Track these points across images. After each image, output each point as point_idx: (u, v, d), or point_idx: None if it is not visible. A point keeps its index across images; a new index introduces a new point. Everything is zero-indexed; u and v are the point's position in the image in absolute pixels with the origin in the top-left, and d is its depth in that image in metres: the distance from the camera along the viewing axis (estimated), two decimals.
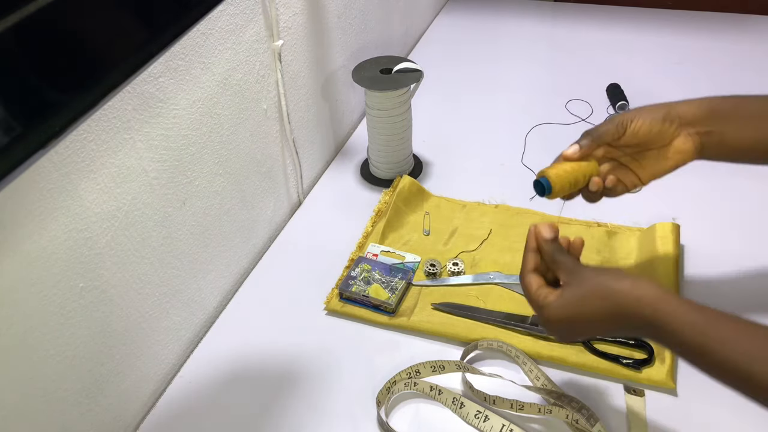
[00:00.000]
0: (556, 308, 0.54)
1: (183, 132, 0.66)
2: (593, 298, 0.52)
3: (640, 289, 0.50)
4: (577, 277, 0.54)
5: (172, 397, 0.69)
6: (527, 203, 0.89)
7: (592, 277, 0.53)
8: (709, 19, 1.31)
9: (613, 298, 0.51)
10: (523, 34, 1.34)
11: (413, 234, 0.85)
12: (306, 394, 0.67)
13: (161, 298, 0.68)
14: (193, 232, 0.71)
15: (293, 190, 0.93)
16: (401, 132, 0.91)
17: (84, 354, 0.58)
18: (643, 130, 0.62)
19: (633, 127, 0.62)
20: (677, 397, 0.64)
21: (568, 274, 0.55)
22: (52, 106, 0.43)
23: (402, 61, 0.89)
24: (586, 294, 0.53)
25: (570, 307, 0.53)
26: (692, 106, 0.63)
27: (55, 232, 0.52)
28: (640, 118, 0.62)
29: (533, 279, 0.57)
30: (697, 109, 0.62)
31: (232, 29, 0.70)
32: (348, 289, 0.75)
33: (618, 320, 0.51)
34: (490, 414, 0.62)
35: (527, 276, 0.58)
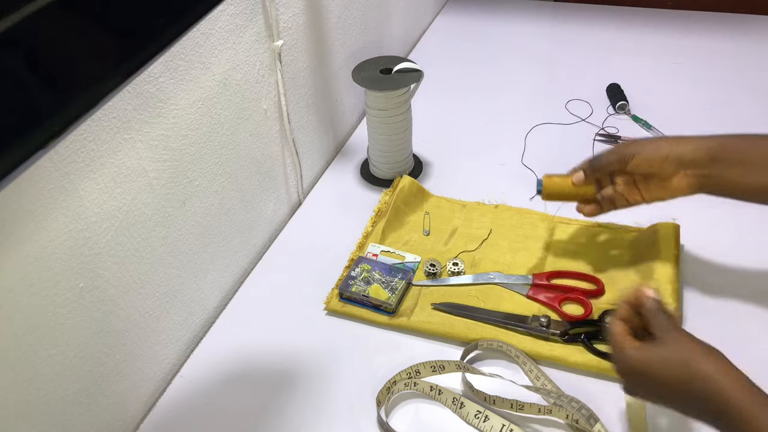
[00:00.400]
0: (636, 358, 0.53)
1: (183, 132, 0.66)
2: (675, 365, 0.51)
3: (720, 375, 0.49)
4: (670, 336, 0.53)
5: (172, 397, 0.69)
6: (527, 203, 0.89)
7: (684, 343, 0.52)
8: (709, 19, 1.31)
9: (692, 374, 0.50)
10: (523, 34, 1.34)
11: (413, 234, 0.86)
12: (306, 394, 0.67)
13: (161, 298, 0.68)
14: (193, 232, 0.71)
15: (293, 190, 0.93)
16: (401, 132, 0.91)
17: (84, 354, 0.58)
18: (644, 167, 0.66)
19: (633, 163, 0.67)
20: None
21: (663, 332, 0.53)
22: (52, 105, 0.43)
23: (402, 61, 0.89)
24: (670, 357, 0.52)
25: (650, 362, 0.53)
26: (693, 147, 0.65)
27: (55, 232, 0.52)
28: (641, 155, 0.66)
29: (620, 325, 0.57)
30: (697, 151, 0.64)
31: (232, 29, 0.71)
32: (348, 289, 0.75)
33: (688, 396, 0.51)
34: (490, 414, 0.62)
35: (615, 321, 0.57)
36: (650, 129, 1.01)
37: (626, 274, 0.76)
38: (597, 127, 1.03)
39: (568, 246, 0.79)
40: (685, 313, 0.72)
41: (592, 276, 0.76)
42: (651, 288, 0.57)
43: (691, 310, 0.72)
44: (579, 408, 0.61)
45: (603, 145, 0.99)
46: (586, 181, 0.70)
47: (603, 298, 0.74)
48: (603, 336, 0.69)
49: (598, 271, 0.77)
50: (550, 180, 0.73)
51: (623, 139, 0.98)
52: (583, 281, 0.76)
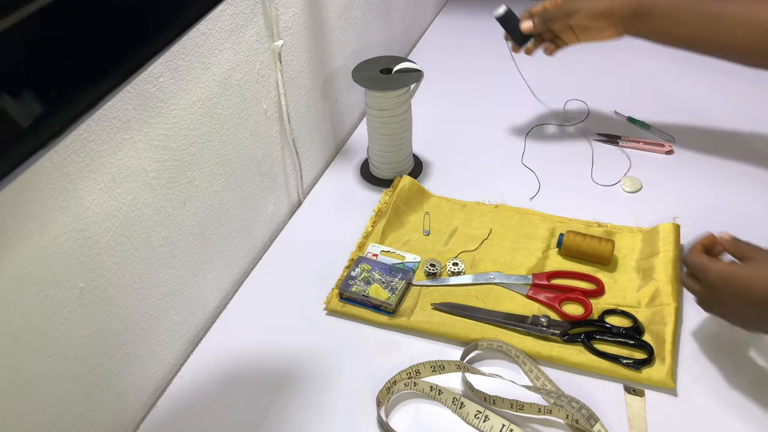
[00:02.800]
0: (731, 271, 0.58)
1: (183, 132, 0.66)
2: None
3: None
4: (763, 256, 0.58)
5: (172, 397, 0.69)
6: (527, 203, 0.89)
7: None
8: None
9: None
10: None
11: (413, 234, 0.86)
12: (306, 394, 0.67)
13: (161, 298, 0.68)
14: (193, 232, 0.71)
15: (293, 189, 0.93)
16: (401, 132, 0.91)
17: (84, 354, 0.58)
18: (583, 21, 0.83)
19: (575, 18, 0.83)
20: (677, 397, 0.64)
21: (754, 253, 0.59)
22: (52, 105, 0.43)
23: (402, 61, 0.89)
24: None
25: (743, 275, 0.57)
26: (621, 3, 0.80)
27: (55, 232, 0.52)
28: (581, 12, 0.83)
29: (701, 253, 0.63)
30: (625, 6, 0.80)
31: (232, 29, 0.71)
32: (348, 289, 0.75)
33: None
34: (490, 414, 0.62)
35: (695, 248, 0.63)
36: (650, 130, 1.01)
37: (626, 274, 0.77)
38: (596, 127, 1.03)
39: (569, 246, 0.79)
40: (685, 313, 0.72)
41: (592, 276, 0.76)
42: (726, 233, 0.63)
43: (691, 310, 0.72)
44: (579, 408, 0.61)
45: (602, 144, 0.99)
46: (534, 30, 0.89)
47: (603, 298, 0.74)
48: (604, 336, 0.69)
49: (598, 271, 0.77)
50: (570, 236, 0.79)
51: (623, 139, 0.99)
52: (583, 281, 0.76)
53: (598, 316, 0.71)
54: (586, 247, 0.77)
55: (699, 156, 0.95)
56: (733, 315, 0.61)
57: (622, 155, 0.97)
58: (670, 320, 0.68)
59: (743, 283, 0.57)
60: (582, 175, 0.93)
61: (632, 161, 0.95)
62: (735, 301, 0.58)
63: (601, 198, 0.89)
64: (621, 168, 0.94)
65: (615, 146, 0.98)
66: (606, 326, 0.70)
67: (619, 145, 0.98)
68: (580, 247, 0.78)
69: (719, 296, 0.60)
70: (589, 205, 0.87)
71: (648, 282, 0.74)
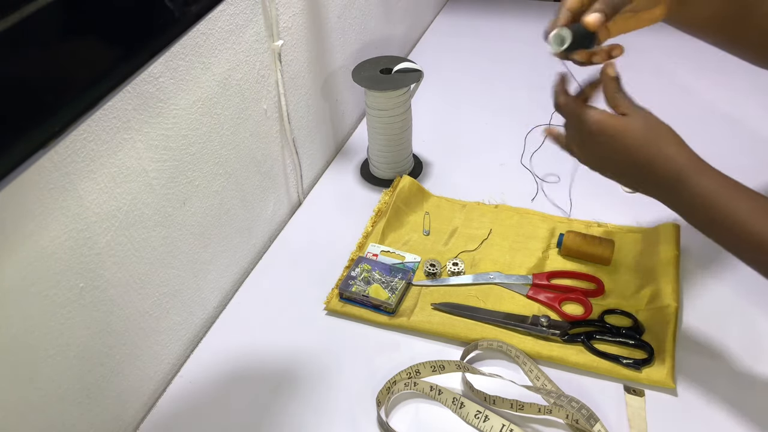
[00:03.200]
0: (608, 122, 0.58)
1: (183, 132, 0.66)
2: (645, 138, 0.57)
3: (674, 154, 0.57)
4: (639, 113, 0.58)
5: (172, 397, 0.69)
6: (527, 203, 0.89)
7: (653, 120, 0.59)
8: None
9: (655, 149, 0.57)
10: (524, 34, 1.34)
11: (413, 234, 0.85)
12: (306, 394, 0.67)
13: (161, 298, 0.68)
14: (193, 232, 0.71)
15: (293, 189, 0.93)
16: (401, 132, 0.91)
17: (84, 354, 0.58)
18: None
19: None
20: (677, 397, 0.64)
21: (630, 108, 0.59)
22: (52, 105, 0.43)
23: (402, 61, 0.89)
24: (641, 127, 0.57)
25: (620, 126, 0.58)
26: None
27: (55, 232, 0.52)
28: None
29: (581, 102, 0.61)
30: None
31: (232, 29, 0.70)
32: (348, 289, 0.75)
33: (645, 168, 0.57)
34: (490, 414, 0.62)
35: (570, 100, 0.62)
36: None
37: (626, 274, 0.77)
38: None
39: (569, 246, 0.79)
40: (685, 313, 0.72)
41: (592, 276, 0.76)
42: (613, 67, 0.60)
43: (691, 310, 0.72)
44: (579, 408, 0.61)
45: None
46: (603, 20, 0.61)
47: (603, 298, 0.74)
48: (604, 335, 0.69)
49: (598, 271, 0.77)
50: (570, 237, 0.78)
51: None
52: (583, 281, 0.76)
53: (598, 316, 0.71)
54: (586, 247, 0.77)
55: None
56: (598, 163, 0.62)
57: None
58: (670, 320, 0.68)
59: (620, 138, 0.58)
60: (582, 175, 0.93)
61: None
62: (606, 151, 0.60)
63: (601, 198, 0.89)
64: None
65: None
66: (606, 326, 0.70)
67: None
68: (580, 247, 0.78)
69: (593, 147, 0.61)
70: (589, 205, 0.87)
71: (648, 282, 0.74)
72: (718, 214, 0.55)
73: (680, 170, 0.56)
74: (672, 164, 0.57)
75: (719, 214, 0.55)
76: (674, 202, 0.58)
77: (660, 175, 0.57)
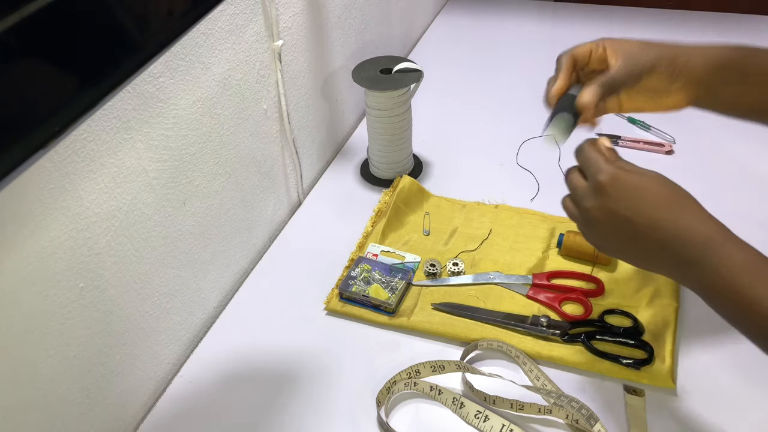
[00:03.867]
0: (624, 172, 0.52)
1: (183, 132, 0.66)
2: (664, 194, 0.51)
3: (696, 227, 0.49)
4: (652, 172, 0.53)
5: (172, 397, 0.69)
6: (527, 203, 0.89)
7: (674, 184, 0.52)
8: (709, 19, 1.31)
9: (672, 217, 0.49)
10: (524, 34, 1.34)
11: (413, 234, 0.85)
12: (306, 394, 0.67)
13: (161, 298, 0.68)
14: (193, 232, 0.71)
15: (293, 190, 0.93)
16: (401, 132, 0.91)
17: (84, 354, 0.58)
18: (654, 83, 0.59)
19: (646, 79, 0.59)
20: (677, 397, 0.64)
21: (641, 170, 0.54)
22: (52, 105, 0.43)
23: (402, 61, 0.89)
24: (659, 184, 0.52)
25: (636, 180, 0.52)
26: (699, 59, 0.58)
27: (55, 232, 0.52)
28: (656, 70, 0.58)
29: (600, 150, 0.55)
30: (705, 64, 0.58)
31: (232, 29, 0.70)
32: (348, 289, 0.75)
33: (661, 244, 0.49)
34: (490, 414, 0.62)
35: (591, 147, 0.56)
36: (650, 130, 1.01)
37: (626, 273, 0.77)
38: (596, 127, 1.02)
39: (569, 246, 0.79)
40: (685, 313, 0.72)
41: (592, 276, 0.76)
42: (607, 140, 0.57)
43: (692, 310, 0.72)
44: (579, 408, 0.61)
45: None
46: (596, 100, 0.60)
47: (603, 298, 0.74)
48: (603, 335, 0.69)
49: (598, 271, 0.77)
50: (570, 237, 0.78)
51: (623, 139, 0.98)
52: (583, 281, 0.76)
53: (598, 316, 0.71)
54: (586, 247, 0.77)
55: (699, 156, 0.95)
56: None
57: (622, 155, 0.96)
58: (670, 320, 0.68)
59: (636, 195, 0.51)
60: None
61: (632, 161, 0.95)
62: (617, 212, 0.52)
63: None
64: None
65: (615, 146, 0.98)
66: (606, 326, 0.70)
67: (619, 145, 0.98)
68: (580, 247, 0.78)
69: (604, 201, 0.53)
70: None
71: (648, 282, 0.74)
72: (743, 297, 0.46)
73: (706, 240, 0.48)
74: (698, 229, 0.48)
75: (745, 296, 0.46)
76: (693, 277, 0.49)
77: (684, 241, 0.49)
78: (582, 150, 0.57)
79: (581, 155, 0.57)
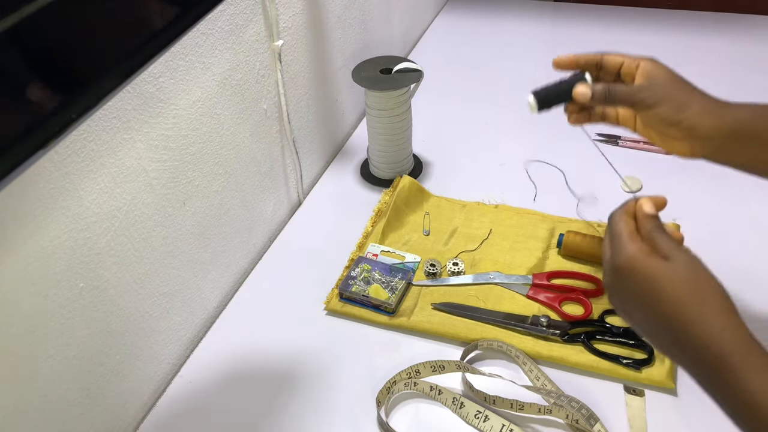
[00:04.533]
0: (646, 263, 0.47)
1: (183, 132, 0.66)
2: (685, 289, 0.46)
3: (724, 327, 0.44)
4: (681, 257, 0.47)
5: (172, 397, 0.69)
6: (527, 203, 0.89)
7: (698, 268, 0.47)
8: (709, 19, 1.31)
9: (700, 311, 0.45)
10: (523, 34, 1.34)
11: (413, 234, 0.85)
12: (306, 394, 0.67)
13: (161, 298, 0.68)
14: (193, 232, 0.71)
15: (293, 190, 0.93)
16: (401, 132, 0.91)
17: (84, 354, 0.58)
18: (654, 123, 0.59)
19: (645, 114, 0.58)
20: (677, 397, 0.64)
21: (672, 250, 0.48)
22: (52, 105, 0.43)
23: (402, 61, 0.89)
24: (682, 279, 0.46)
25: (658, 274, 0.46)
26: (712, 124, 0.56)
27: (55, 232, 0.52)
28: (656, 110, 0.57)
29: (630, 223, 0.51)
30: (716, 125, 0.56)
31: (232, 29, 0.70)
32: (348, 289, 0.75)
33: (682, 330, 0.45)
34: (490, 414, 0.62)
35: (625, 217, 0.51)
36: None
37: None
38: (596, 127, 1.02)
39: (569, 246, 0.79)
40: None
41: (592, 276, 0.76)
42: (649, 199, 0.52)
43: None
44: (579, 408, 0.61)
45: (602, 145, 0.99)
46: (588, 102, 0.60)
47: (603, 298, 0.74)
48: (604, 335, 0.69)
49: (598, 271, 0.77)
50: (570, 237, 0.78)
51: (623, 139, 0.98)
52: (583, 281, 0.76)
53: (598, 316, 0.71)
54: (586, 247, 0.77)
55: None
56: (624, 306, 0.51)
57: (622, 155, 0.97)
58: None
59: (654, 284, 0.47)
60: (582, 175, 0.93)
61: (632, 161, 0.95)
62: (634, 296, 0.49)
63: (601, 198, 0.89)
64: (621, 168, 0.94)
65: (615, 146, 0.98)
66: (606, 326, 0.70)
67: (619, 145, 0.98)
68: (580, 247, 0.78)
69: (618, 284, 0.50)
70: (590, 205, 0.87)
71: None
72: (758, 419, 0.43)
73: (723, 352, 0.44)
74: (714, 340, 0.44)
75: (762, 420, 0.42)
76: (707, 384, 0.46)
77: (696, 347, 0.45)
78: (612, 218, 0.53)
79: (610, 223, 0.53)
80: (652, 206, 0.52)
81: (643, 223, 0.51)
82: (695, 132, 0.57)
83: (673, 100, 0.57)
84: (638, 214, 0.52)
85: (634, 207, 0.53)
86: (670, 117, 0.57)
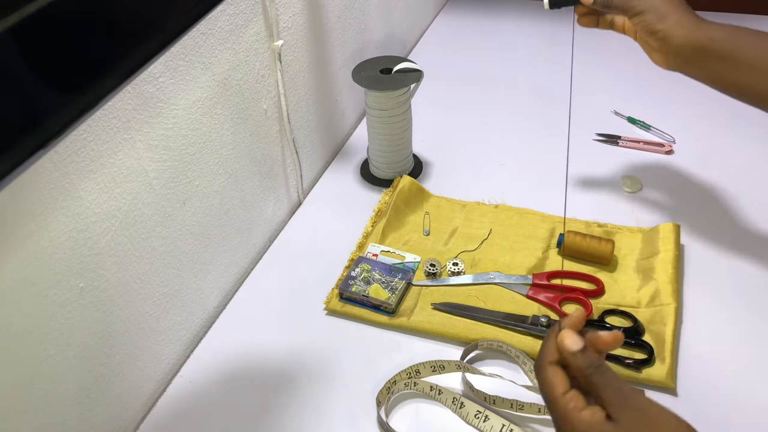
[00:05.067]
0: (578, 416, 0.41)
1: (183, 132, 0.66)
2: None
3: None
4: (631, 403, 0.41)
5: (172, 397, 0.69)
6: (527, 203, 0.89)
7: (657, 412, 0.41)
8: (709, 19, 1.30)
9: None
10: (523, 34, 1.34)
11: (413, 234, 0.86)
12: (306, 394, 0.67)
13: (161, 298, 0.68)
14: (193, 232, 0.71)
15: (293, 190, 0.93)
16: (401, 132, 0.91)
17: (84, 354, 0.58)
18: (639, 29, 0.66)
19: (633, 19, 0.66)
20: (677, 397, 0.64)
21: (616, 396, 0.41)
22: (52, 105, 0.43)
23: (402, 61, 0.89)
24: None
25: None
26: (683, 37, 0.63)
27: (55, 232, 0.52)
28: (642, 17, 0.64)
29: (557, 376, 0.43)
30: (687, 39, 0.63)
31: (232, 29, 0.71)
32: (348, 289, 0.75)
33: None
34: (490, 414, 0.62)
35: (548, 368, 0.43)
36: (650, 130, 1.01)
37: (626, 274, 0.77)
38: (596, 127, 1.03)
39: (569, 246, 0.79)
40: (686, 313, 0.72)
41: (592, 276, 0.76)
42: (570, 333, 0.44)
43: (692, 310, 0.72)
44: None
45: (602, 145, 0.99)
46: (591, 5, 0.69)
47: (603, 298, 0.74)
48: None
49: (598, 271, 0.77)
50: (570, 237, 0.78)
51: (623, 139, 0.99)
52: (583, 281, 0.76)
53: (598, 316, 0.71)
54: (586, 247, 0.77)
55: (699, 156, 0.95)
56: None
57: (622, 155, 0.97)
58: (670, 320, 0.68)
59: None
60: (582, 175, 0.93)
61: (632, 161, 0.95)
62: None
63: (601, 198, 0.89)
64: (621, 168, 0.94)
65: (615, 146, 0.98)
66: (606, 326, 0.70)
67: (619, 145, 0.98)
68: (580, 247, 0.78)
69: None
70: (589, 205, 0.87)
71: (648, 282, 0.74)
72: None
73: None
74: None
75: None
76: None
77: None
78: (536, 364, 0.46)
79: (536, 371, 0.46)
80: (577, 339, 0.44)
81: (572, 364, 0.43)
82: (668, 43, 0.64)
83: (656, 10, 0.64)
84: (563, 354, 0.44)
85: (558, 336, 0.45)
86: (651, 26, 0.64)
